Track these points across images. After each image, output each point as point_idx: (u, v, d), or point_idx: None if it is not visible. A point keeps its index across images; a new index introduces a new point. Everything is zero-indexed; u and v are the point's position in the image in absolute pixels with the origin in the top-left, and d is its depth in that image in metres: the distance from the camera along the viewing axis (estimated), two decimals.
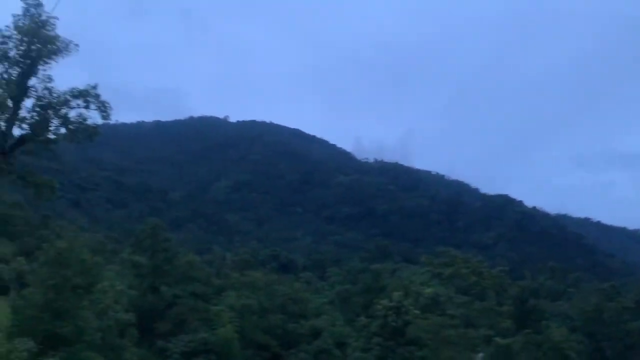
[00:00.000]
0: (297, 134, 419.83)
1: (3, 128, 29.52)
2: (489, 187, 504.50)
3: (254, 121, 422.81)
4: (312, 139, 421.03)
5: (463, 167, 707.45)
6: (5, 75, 29.10)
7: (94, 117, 30.54)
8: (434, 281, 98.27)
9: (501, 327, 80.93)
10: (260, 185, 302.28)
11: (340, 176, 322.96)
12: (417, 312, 67.98)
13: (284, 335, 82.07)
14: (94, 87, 30.17)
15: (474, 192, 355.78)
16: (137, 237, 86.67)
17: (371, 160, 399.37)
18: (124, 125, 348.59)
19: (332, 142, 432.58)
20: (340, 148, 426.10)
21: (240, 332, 72.26)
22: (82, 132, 30.33)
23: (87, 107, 30.14)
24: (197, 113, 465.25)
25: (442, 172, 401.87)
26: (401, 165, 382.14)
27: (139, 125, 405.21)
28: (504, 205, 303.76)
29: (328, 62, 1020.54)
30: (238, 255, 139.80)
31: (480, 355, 67.90)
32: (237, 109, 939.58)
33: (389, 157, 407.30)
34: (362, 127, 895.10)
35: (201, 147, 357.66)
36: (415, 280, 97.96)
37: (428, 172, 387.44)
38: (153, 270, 78.43)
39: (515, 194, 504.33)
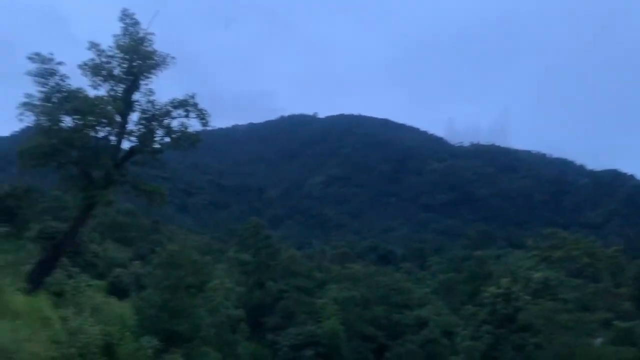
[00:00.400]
0: (386, 124, 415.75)
1: (114, 142, 31.43)
2: (595, 162, 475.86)
3: (342, 115, 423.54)
4: (402, 128, 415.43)
5: (566, 144, 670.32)
6: (112, 93, 30.95)
7: (194, 124, 31.81)
8: (542, 265, 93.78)
9: (620, 310, 75.76)
10: (353, 178, 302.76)
11: (434, 163, 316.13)
12: (527, 297, 65.16)
13: (389, 326, 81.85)
14: (192, 97, 31.32)
15: (580, 169, 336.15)
16: (240, 236, 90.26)
17: (466, 144, 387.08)
18: (220, 129, 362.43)
19: (422, 129, 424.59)
20: (432, 134, 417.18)
21: (344, 323, 72.96)
22: (185, 140, 31.60)
23: (187, 116, 31.35)
24: (287, 112, 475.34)
25: (542, 150, 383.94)
26: (498, 146, 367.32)
27: (234, 128, 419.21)
28: (614, 181, 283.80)
29: (412, 48, 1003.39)
30: (337, 248, 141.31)
31: (599, 340, 63.95)
32: (325, 105, 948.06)
33: (484, 139, 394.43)
34: (453, 111, 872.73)
35: (293, 145, 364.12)
36: (523, 265, 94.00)
37: (528, 152, 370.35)
38: (258, 266, 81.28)
39: (626, 167, 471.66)
